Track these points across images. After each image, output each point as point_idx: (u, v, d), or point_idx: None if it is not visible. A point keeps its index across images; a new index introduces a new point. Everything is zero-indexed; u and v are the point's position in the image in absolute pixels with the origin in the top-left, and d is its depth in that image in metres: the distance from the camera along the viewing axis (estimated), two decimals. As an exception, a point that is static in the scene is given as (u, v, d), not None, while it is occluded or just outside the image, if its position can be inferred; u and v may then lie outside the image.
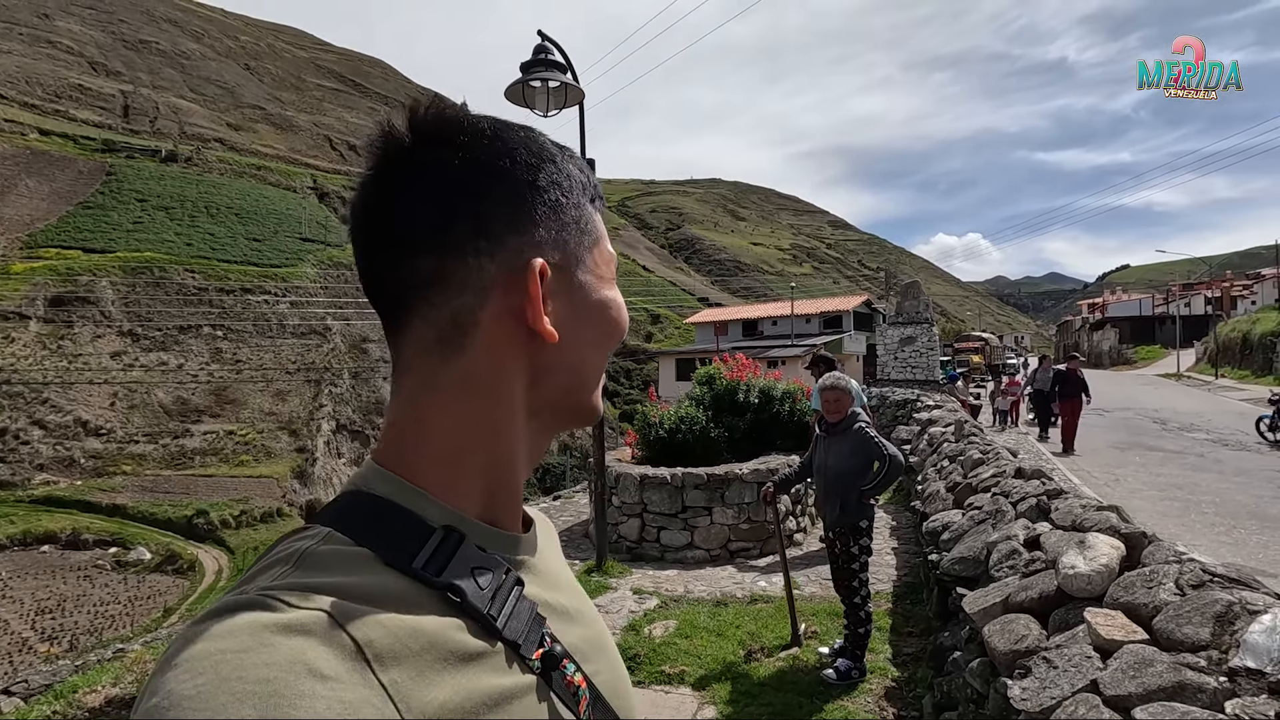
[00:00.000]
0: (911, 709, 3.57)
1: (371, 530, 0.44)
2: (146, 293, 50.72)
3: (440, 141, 0.48)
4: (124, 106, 78.81)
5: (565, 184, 0.51)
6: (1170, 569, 2.11)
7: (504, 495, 0.51)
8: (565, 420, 0.54)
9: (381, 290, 0.49)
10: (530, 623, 0.47)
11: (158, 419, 43.46)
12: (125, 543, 33.26)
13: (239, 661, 0.34)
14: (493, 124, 0.50)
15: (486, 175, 0.48)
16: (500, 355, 0.48)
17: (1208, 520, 7.09)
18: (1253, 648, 1.63)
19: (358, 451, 48.72)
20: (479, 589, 0.44)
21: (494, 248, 0.47)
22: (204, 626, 0.36)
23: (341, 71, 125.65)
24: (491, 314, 0.47)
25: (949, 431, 7.54)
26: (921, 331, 27.52)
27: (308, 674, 0.34)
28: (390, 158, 0.48)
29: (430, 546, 0.44)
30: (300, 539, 0.44)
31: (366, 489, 0.47)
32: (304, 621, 0.36)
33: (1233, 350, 31.96)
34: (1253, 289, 59.70)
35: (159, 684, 0.34)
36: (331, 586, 0.39)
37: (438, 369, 0.48)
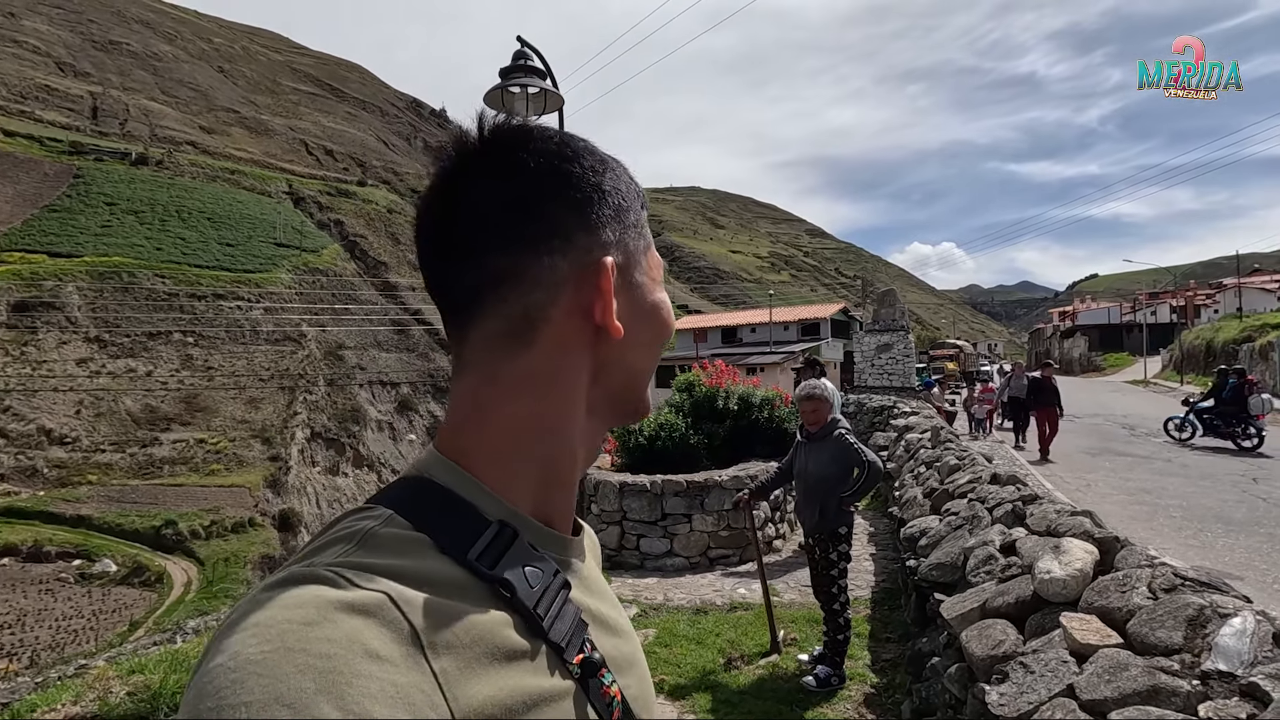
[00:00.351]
0: (890, 715, 3.58)
1: (430, 517, 0.45)
2: (115, 298, 49.54)
3: (513, 147, 0.51)
4: (93, 108, 77.15)
5: (625, 189, 0.54)
6: (1143, 573, 2.14)
7: (559, 493, 0.52)
8: (620, 416, 0.56)
9: (453, 286, 0.51)
10: (574, 626, 0.47)
11: (125, 427, 42.38)
12: (90, 555, 32.32)
13: (303, 634, 0.35)
14: (559, 133, 0.54)
15: (559, 178, 0.50)
16: (568, 350, 0.50)
17: (1175, 524, 7.23)
18: (1224, 650, 1.65)
19: (332, 460, 47.98)
20: (529, 586, 0.45)
21: (566, 246, 0.50)
22: (273, 594, 0.38)
23: (318, 76, 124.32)
24: (562, 310, 0.50)
25: (926, 438, 7.62)
26: (898, 339, 27.87)
27: (364, 654, 0.35)
28: (466, 161, 0.51)
29: (485, 539, 0.45)
30: (363, 518, 0.45)
31: (428, 475, 0.49)
32: (365, 602, 0.38)
33: (1197, 357, 32.83)
34: (1215, 298, 61.42)
35: (226, 644, 0.36)
36: (392, 569, 0.40)
37: (503, 363, 0.50)
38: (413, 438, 54.34)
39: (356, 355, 55.87)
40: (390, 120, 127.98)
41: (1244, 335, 27.99)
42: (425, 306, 65.42)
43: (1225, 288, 60.83)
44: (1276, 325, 26.57)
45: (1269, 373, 24.01)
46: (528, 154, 0.50)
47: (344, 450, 49.19)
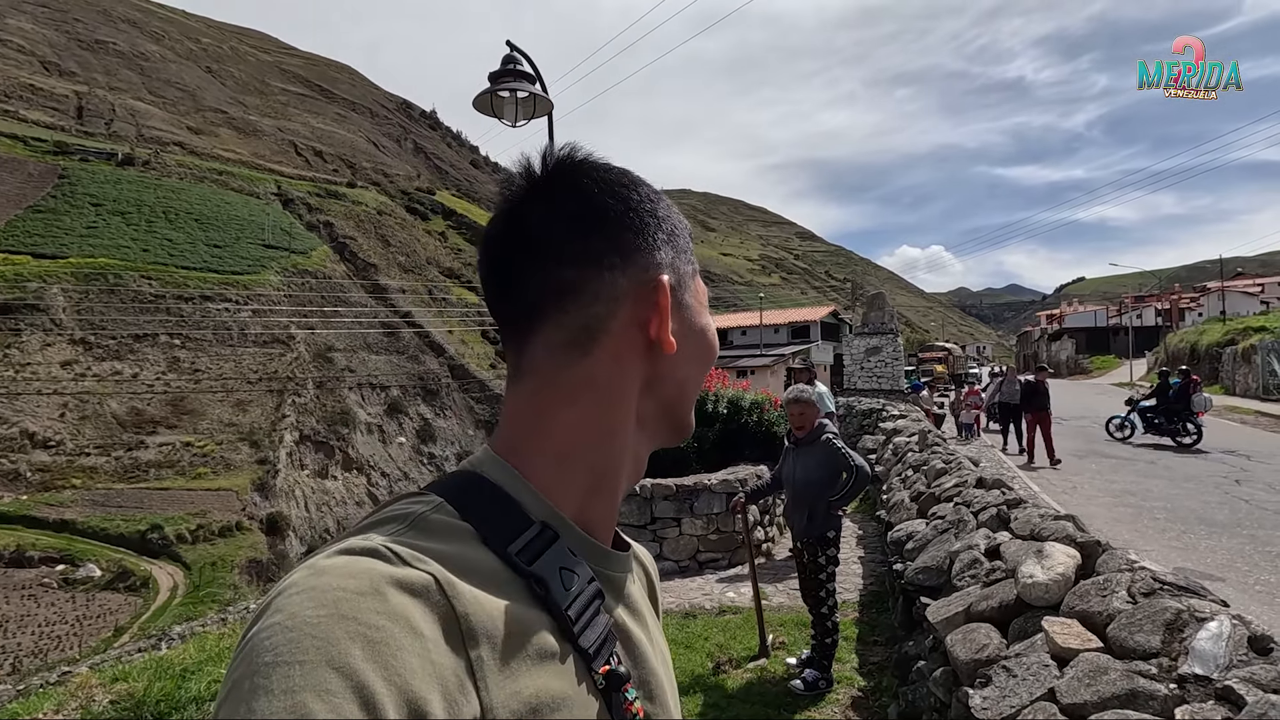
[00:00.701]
0: (877, 718, 3.60)
1: (477, 509, 0.48)
2: (100, 300, 49.00)
3: (576, 173, 0.56)
4: (78, 108, 76.34)
5: (676, 219, 0.59)
6: (1123, 577, 2.17)
7: (602, 502, 0.55)
8: (666, 433, 0.59)
9: (518, 297, 0.54)
10: (603, 636, 0.48)
11: (110, 430, 41.91)
12: (74, 559, 31.91)
13: (356, 603, 0.37)
14: (615, 165, 0.59)
15: (620, 202, 0.55)
16: (623, 361, 0.54)
17: (1159, 526, 7.31)
18: (1200, 654, 1.68)
19: (321, 463, 47.65)
20: (563, 588, 0.47)
21: (626, 264, 0.54)
22: (330, 562, 0.41)
23: (307, 76, 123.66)
24: (621, 323, 0.53)
25: (913, 441, 7.67)
26: (887, 342, 28.03)
27: (410, 630, 0.38)
28: (534, 186, 0.56)
29: (527, 536, 0.47)
30: (415, 502, 0.48)
31: (480, 471, 0.52)
32: (414, 581, 0.40)
33: (1181, 360, 33.15)
34: (1199, 301, 62.20)
35: (283, 604, 0.38)
36: (439, 553, 0.43)
37: (562, 370, 0.53)
38: (402, 440, 54.08)
39: (346, 358, 55.53)
40: (380, 121, 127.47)
41: (1227, 338, 28.35)
42: (415, 309, 65.21)
43: (1209, 291, 61.63)
44: (1259, 328, 26.92)
45: (1251, 375, 24.31)
46: (590, 180, 0.55)
47: (333, 453, 48.84)
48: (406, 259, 74.44)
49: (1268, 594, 5.22)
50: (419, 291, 68.59)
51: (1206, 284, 70.84)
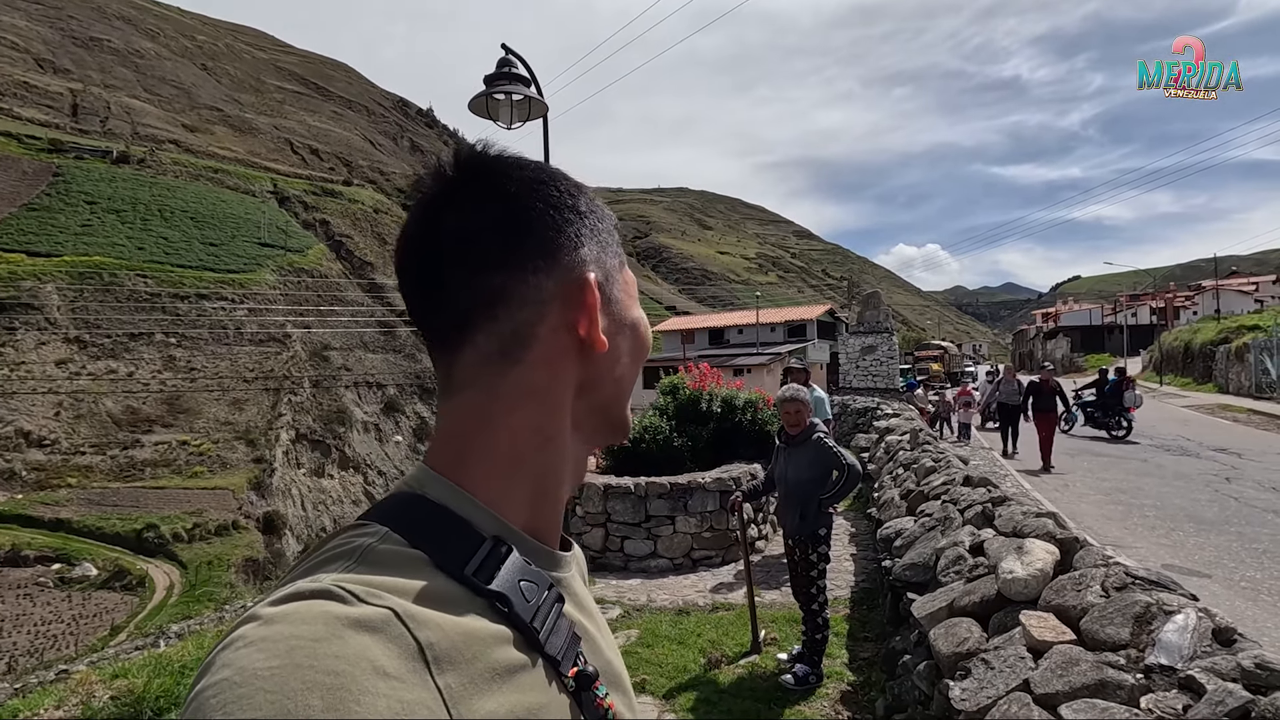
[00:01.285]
0: (866, 712, 3.66)
1: (426, 533, 0.46)
2: (95, 298, 48.87)
3: (492, 173, 0.53)
4: (73, 105, 76.05)
5: (599, 211, 0.58)
6: (1098, 572, 2.23)
7: (548, 509, 0.54)
8: (604, 433, 0.59)
9: (444, 309, 0.52)
10: (568, 640, 0.49)
11: (106, 429, 41.83)
12: (69, 558, 31.87)
13: (312, 650, 0.35)
14: (533, 160, 0.56)
15: (540, 200, 0.53)
16: (555, 366, 0.53)
17: (1149, 523, 7.40)
18: (1166, 646, 1.74)
19: (318, 462, 47.63)
20: (525, 601, 0.46)
21: (550, 265, 0.52)
22: (278, 609, 0.38)
23: (303, 74, 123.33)
24: (549, 327, 0.52)
25: (905, 440, 7.74)
26: (882, 341, 28.14)
27: (373, 671, 0.35)
28: (446, 190, 0.53)
29: (481, 555, 0.46)
30: (359, 535, 0.45)
31: (420, 492, 0.50)
32: (372, 618, 0.38)
33: (1176, 358, 33.36)
34: (1194, 300, 62.48)
35: (231, 658, 0.35)
36: (395, 585, 0.41)
37: (497, 379, 0.51)
38: (399, 439, 54.07)
39: (342, 356, 55.49)
40: (377, 120, 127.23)
41: (1221, 337, 28.48)
42: (412, 307, 65.00)
43: (1204, 290, 61.89)
44: (1252, 327, 27.06)
45: (1245, 374, 24.46)
46: (507, 179, 0.53)
47: (329, 452, 48.83)
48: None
49: (1252, 590, 5.30)
50: (416, 290, 68.40)
51: (1201, 282, 71.16)
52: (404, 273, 0.54)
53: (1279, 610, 4.87)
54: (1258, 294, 59.05)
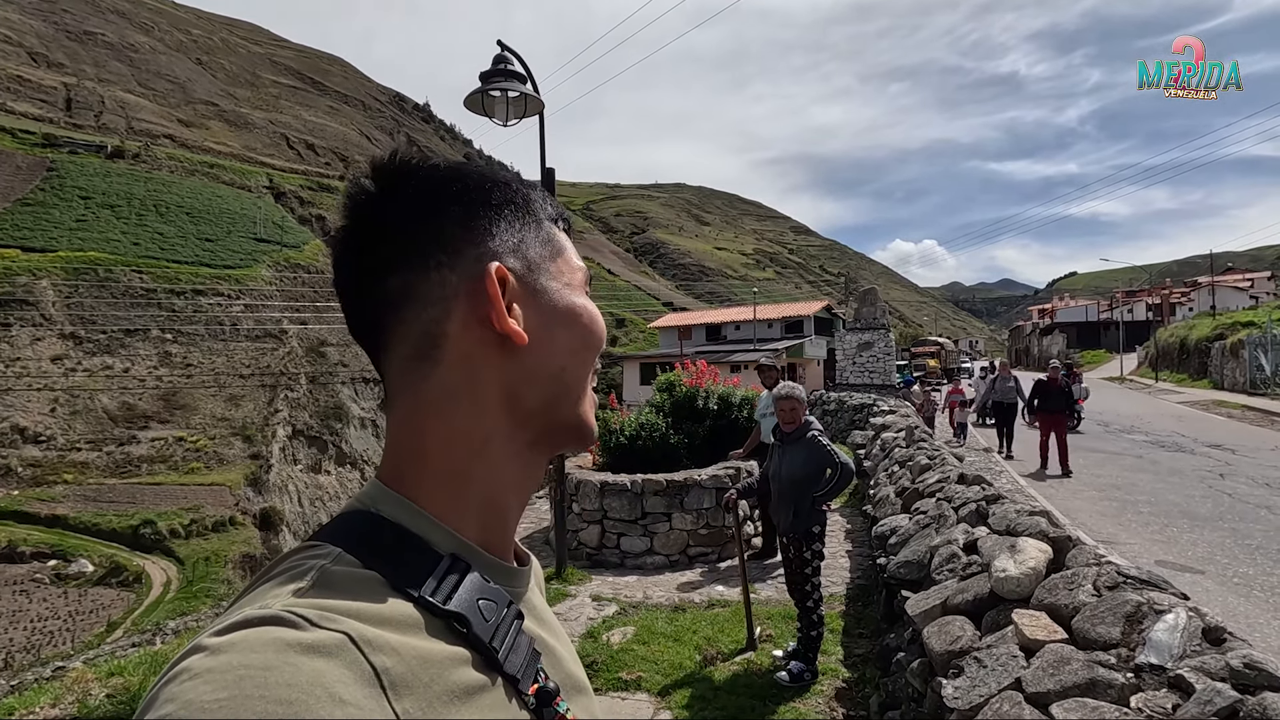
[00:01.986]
0: (860, 709, 3.68)
1: (380, 554, 0.44)
2: (90, 294, 48.71)
3: (400, 177, 0.52)
4: (66, 99, 75.63)
5: (520, 201, 0.55)
6: (1089, 571, 2.24)
7: (494, 520, 0.52)
8: (559, 437, 0.56)
9: (362, 319, 0.52)
10: (528, 657, 0.48)
11: (102, 425, 41.73)
12: (66, 555, 31.83)
13: (263, 679, 0.33)
14: (450, 161, 0.55)
15: (443, 198, 0.52)
16: (473, 364, 0.50)
17: (1143, 519, 7.43)
18: (1156, 645, 1.75)
19: (315, 458, 47.58)
20: (483, 620, 0.45)
21: (453, 259, 0.51)
22: (225, 638, 0.36)
23: (299, 69, 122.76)
24: (459, 323, 0.50)
25: (900, 437, 7.76)
26: (878, 337, 28.18)
27: (328, 698, 0.34)
28: (359, 201, 0.53)
29: (438, 574, 0.45)
30: (311, 556, 0.44)
31: (373, 509, 0.48)
32: (325, 643, 0.36)
33: (1171, 355, 33.47)
34: (1190, 296, 62.72)
35: (175, 691, 0.34)
36: (349, 609, 0.39)
37: (420, 384, 0.50)
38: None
39: (339, 352, 55.37)
40: (373, 115, 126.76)
41: (1216, 333, 28.58)
42: (409, 303, 64.89)
43: (1199, 286, 62.15)
44: (1248, 323, 27.15)
45: (1239, 370, 24.55)
46: (410, 180, 0.52)
47: (326, 448, 48.77)
48: None
49: (1245, 586, 5.33)
50: (412, 286, 68.32)
51: (1197, 279, 71.39)
52: (336, 288, 0.54)
53: (1271, 606, 4.90)
54: (1253, 290, 59.31)
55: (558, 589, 5.82)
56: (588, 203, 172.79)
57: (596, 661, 4.36)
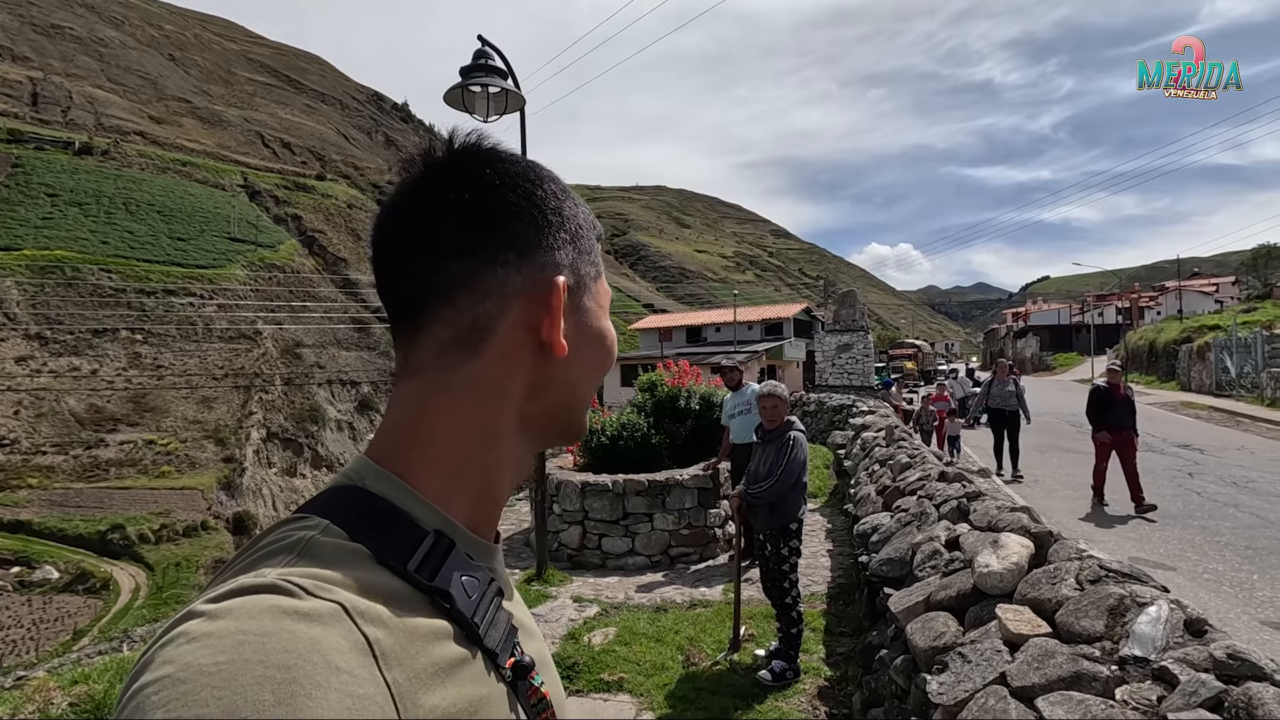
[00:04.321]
0: (842, 707, 3.68)
1: (367, 528, 0.45)
2: (57, 293, 47.48)
3: (480, 163, 0.53)
4: (33, 94, 73.70)
5: (582, 219, 0.57)
6: (1072, 565, 2.26)
7: (488, 504, 0.54)
8: (555, 436, 0.58)
9: (405, 290, 0.52)
10: (506, 632, 0.49)
11: (68, 428, 40.67)
12: (30, 561, 30.97)
13: (260, 644, 0.34)
14: (526, 158, 0.57)
15: (522, 196, 0.53)
16: (510, 363, 0.52)
17: (1115, 517, 7.56)
18: (1139, 637, 1.76)
19: (290, 461, 46.82)
20: (466, 596, 0.46)
21: (521, 261, 0.51)
22: (222, 605, 0.37)
23: (275, 66, 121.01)
24: (510, 322, 0.51)
25: (880, 436, 7.81)
26: (858, 339, 28.45)
27: (325, 665, 0.35)
28: (431, 171, 0.53)
29: (423, 550, 0.45)
30: (300, 527, 0.44)
31: (361, 484, 0.49)
32: (321, 612, 0.37)
33: (1140, 357, 34.22)
34: (1158, 300, 64.23)
35: (173, 654, 0.34)
36: (341, 580, 0.40)
37: (451, 371, 0.51)
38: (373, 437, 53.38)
39: (315, 354, 54.58)
40: (350, 114, 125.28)
41: (1184, 336, 29.26)
42: (387, 304, 64.21)
43: (1167, 290, 63.67)
44: (1214, 326, 27.84)
45: (1205, 372, 25.17)
46: (493, 171, 0.52)
47: (302, 451, 48.02)
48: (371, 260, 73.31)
49: (1215, 582, 5.44)
50: (391, 287, 67.53)
51: (1165, 283, 73.12)
52: (376, 247, 0.53)
53: (1240, 601, 5.00)
54: (1218, 295, 60.88)
55: (538, 590, 5.76)
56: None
57: (578, 663, 4.31)
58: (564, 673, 4.23)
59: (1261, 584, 5.32)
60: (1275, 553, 5.98)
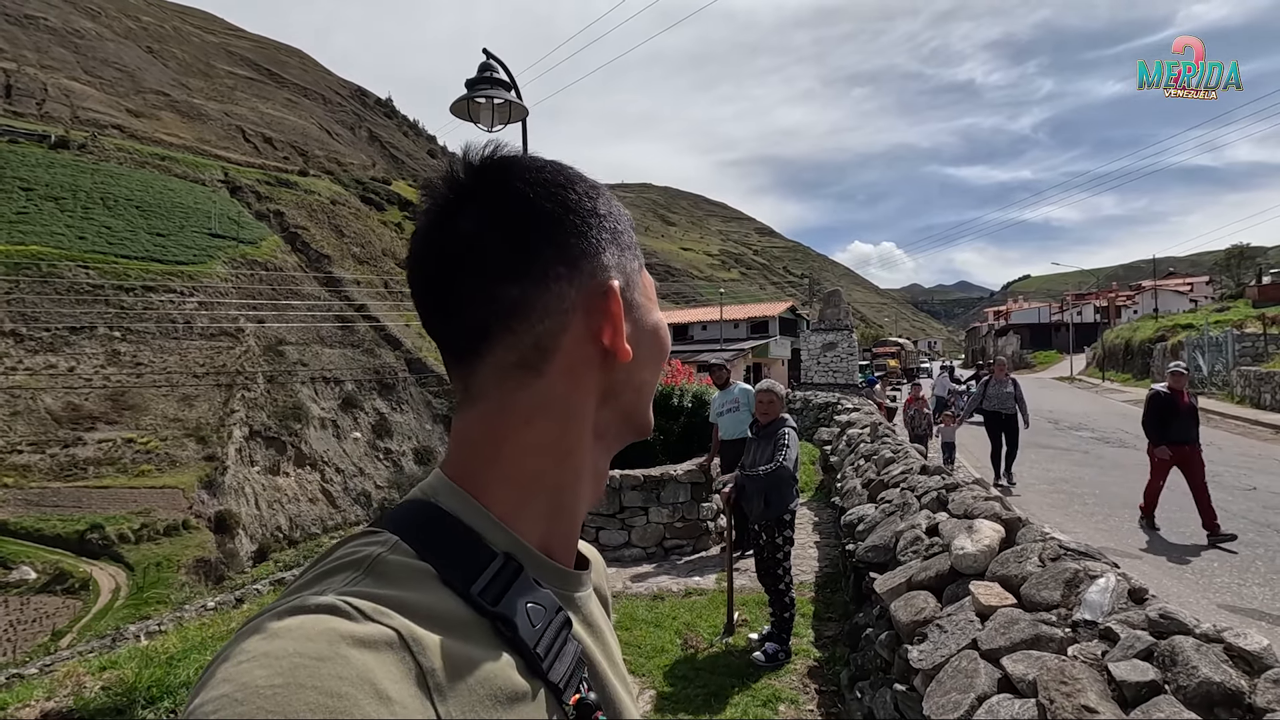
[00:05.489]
0: (831, 684, 3.96)
1: (435, 546, 0.44)
2: (32, 289, 46.72)
3: (507, 176, 0.51)
4: (6, 86, 72.31)
5: (617, 213, 0.55)
6: (1036, 546, 2.54)
7: (564, 524, 0.52)
8: (628, 436, 0.57)
9: (458, 320, 0.50)
10: (572, 666, 0.46)
11: (45, 427, 40.10)
12: (5, 562, 30.57)
13: (315, 670, 0.34)
14: (548, 160, 0.54)
15: (558, 204, 0.50)
16: (578, 377, 0.50)
17: (1088, 510, 7.93)
18: (1090, 604, 2.04)
19: (273, 459, 46.51)
20: (530, 625, 0.44)
21: (572, 273, 0.50)
22: (282, 623, 0.37)
23: (256, 59, 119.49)
24: (573, 337, 0.50)
25: (865, 433, 8.12)
26: (842, 338, 28.91)
27: (375, 694, 0.34)
28: (459, 195, 0.50)
29: (490, 572, 0.44)
30: (369, 543, 0.44)
31: (435, 500, 0.48)
32: (377, 638, 0.37)
33: (1117, 355, 35.03)
34: (1134, 299, 65.60)
35: (233, 673, 0.35)
36: (400, 601, 0.40)
37: (516, 392, 0.49)
38: (357, 435, 53.15)
39: (298, 351, 54.19)
40: (333, 109, 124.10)
41: (1158, 335, 30.03)
42: (370, 301, 64.00)
43: (1144, 290, 65.02)
44: (1187, 325, 28.62)
45: (1177, 370, 25.88)
46: (523, 183, 0.50)
47: (285, 449, 47.69)
48: (361, 250, 72.83)
49: (1178, 569, 5.81)
50: (374, 284, 67.25)
51: (1141, 283, 74.68)
52: (416, 282, 0.51)
53: (1200, 586, 5.37)
54: (1193, 294, 62.34)
55: (538, 581, 5.98)
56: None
57: (581, 648, 4.54)
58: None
59: (1222, 571, 5.69)
60: (1243, 544, 6.33)
